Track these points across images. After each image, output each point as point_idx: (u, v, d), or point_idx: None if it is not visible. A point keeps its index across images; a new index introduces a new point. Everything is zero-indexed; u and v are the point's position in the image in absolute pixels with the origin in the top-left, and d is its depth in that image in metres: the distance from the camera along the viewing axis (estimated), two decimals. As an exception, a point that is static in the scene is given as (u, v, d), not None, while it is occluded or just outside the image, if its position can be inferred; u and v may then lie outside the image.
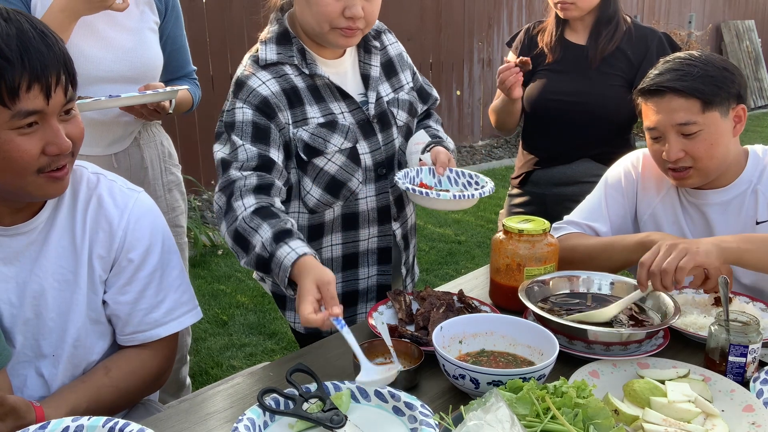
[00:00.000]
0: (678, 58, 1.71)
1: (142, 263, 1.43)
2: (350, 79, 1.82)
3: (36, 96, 1.17)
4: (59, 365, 1.38)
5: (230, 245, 1.59)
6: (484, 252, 4.80)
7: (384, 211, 1.87)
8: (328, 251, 1.85)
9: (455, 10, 7.45)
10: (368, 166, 1.79)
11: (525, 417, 1.12)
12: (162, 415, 1.36)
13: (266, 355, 3.42)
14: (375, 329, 1.54)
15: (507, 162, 7.50)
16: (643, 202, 1.88)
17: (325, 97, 1.74)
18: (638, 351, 1.46)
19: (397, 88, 1.89)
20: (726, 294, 1.47)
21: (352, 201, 1.81)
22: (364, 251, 1.89)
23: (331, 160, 1.73)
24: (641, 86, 1.73)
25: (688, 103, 1.64)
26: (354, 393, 1.31)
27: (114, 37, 2.03)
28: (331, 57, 1.78)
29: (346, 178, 1.76)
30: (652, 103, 1.70)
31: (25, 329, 1.35)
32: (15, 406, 1.18)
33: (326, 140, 1.71)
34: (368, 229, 1.87)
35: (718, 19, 10.94)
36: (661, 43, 2.46)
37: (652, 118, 1.71)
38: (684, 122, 1.65)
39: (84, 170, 1.43)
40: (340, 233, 1.84)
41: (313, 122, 1.71)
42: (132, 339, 1.45)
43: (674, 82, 1.65)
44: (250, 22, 5.75)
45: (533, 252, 1.68)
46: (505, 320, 1.50)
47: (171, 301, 1.47)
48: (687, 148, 1.67)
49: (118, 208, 1.41)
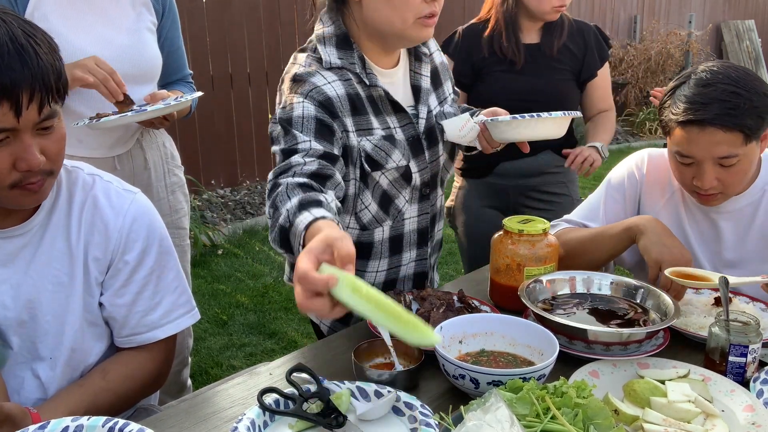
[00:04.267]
0: (719, 81, 1.56)
1: (139, 265, 1.42)
2: (401, 90, 1.74)
3: (5, 113, 1.14)
4: (56, 368, 1.38)
5: (269, 224, 1.43)
6: (484, 252, 4.79)
7: (423, 233, 1.81)
8: (371, 276, 1.77)
9: (455, 10, 7.45)
10: (416, 185, 1.73)
11: (525, 417, 1.12)
12: (162, 415, 1.35)
13: (266, 355, 3.42)
14: (375, 329, 1.54)
15: (507, 162, 7.50)
16: (646, 205, 1.87)
17: (382, 110, 1.66)
18: (638, 351, 1.46)
19: (441, 100, 1.83)
20: (726, 294, 1.47)
21: (399, 221, 1.74)
22: (403, 277, 1.82)
23: (385, 175, 1.66)
24: (680, 114, 1.59)
25: (732, 137, 1.54)
26: (354, 393, 1.31)
27: (112, 36, 2.02)
28: (387, 66, 1.70)
29: (394, 195, 1.70)
30: (688, 131, 1.58)
31: (21, 331, 1.34)
32: (10, 413, 1.17)
33: (388, 154, 1.64)
34: (409, 253, 1.80)
35: (718, 19, 10.93)
36: (596, 36, 2.58)
37: (688, 147, 1.60)
38: (725, 155, 1.56)
39: (80, 171, 1.42)
40: (387, 258, 1.77)
41: (377, 133, 1.63)
42: (129, 341, 1.44)
43: (722, 119, 1.53)
44: (250, 22, 5.76)
45: (533, 252, 1.68)
46: (505, 320, 1.50)
47: (168, 303, 1.46)
48: (721, 176, 1.60)
49: (114, 210, 1.40)
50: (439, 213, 1.89)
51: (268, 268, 4.49)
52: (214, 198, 5.60)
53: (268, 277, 4.32)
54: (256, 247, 4.84)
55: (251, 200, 5.73)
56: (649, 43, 9.28)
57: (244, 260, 4.62)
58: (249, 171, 5.99)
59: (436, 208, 1.84)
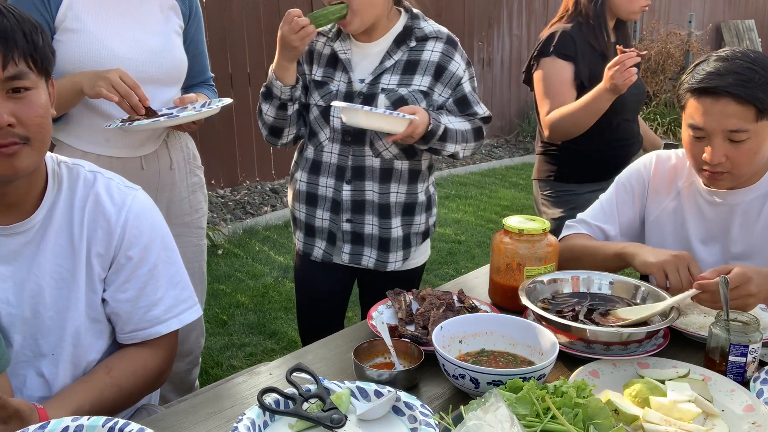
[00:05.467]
0: (737, 58, 1.60)
1: (141, 260, 1.43)
2: (368, 61, 2.05)
3: None
4: (59, 364, 1.38)
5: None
6: (484, 252, 4.80)
7: (342, 169, 2.06)
8: (323, 190, 2.10)
9: (455, 10, 7.45)
10: (336, 128, 2.03)
11: (525, 417, 1.12)
12: (162, 415, 1.36)
13: (266, 355, 3.42)
14: (375, 329, 1.54)
15: (507, 162, 7.50)
16: (651, 205, 1.88)
17: (335, 66, 2.08)
18: (638, 351, 1.46)
19: (403, 84, 2.00)
20: (726, 294, 1.47)
21: (319, 151, 2.09)
22: (323, 196, 2.11)
23: (312, 109, 2.10)
24: (695, 84, 1.62)
25: (744, 110, 1.56)
26: (354, 393, 1.31)
27: (142, 39, 2.04)
28: (363, 41, 2.07)
29: (317, 130, 2.09)
30: (702, 102, 1.61)
31: (24, 328, 1.35)
32: (18, 408, 1.17)
33: (317, 92, 2.09)
34: (326, 179, 2.09)
35: (718, 19, 10.94)
36: None
37: (700, 118, 1.62)
38: (735, 129, 1.58)
39: (81, 168, 1.43)
40: (311, 175, 2.12)
41: (319, 74, 2.10)
42: (133, 337, 1.45)
43: (735, 88, 1.55)
44: (250, 22, 5.75)
45: (533, 252, 1.68)
46: (505, 320, 1.50)
47: (171, 298, 1.47)
48: (730, 153, 1.61)
49: (116, 206, 1.41)
50: (389, 176, 2.06)
51: (268, 268, 4.49)
52: (214, 198, 5.60)
53: (268, 277, 4.32)
54: (256, 247, 4.84)
55: (251, 200, 5.73)
56: (649, 43, 9.27)
57: (244, 260, 4.62)
58: (249, 171, 5.99)
59: (375, 167, 2.04)
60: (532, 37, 8.43)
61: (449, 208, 5.79)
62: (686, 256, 1.60)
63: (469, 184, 6.57)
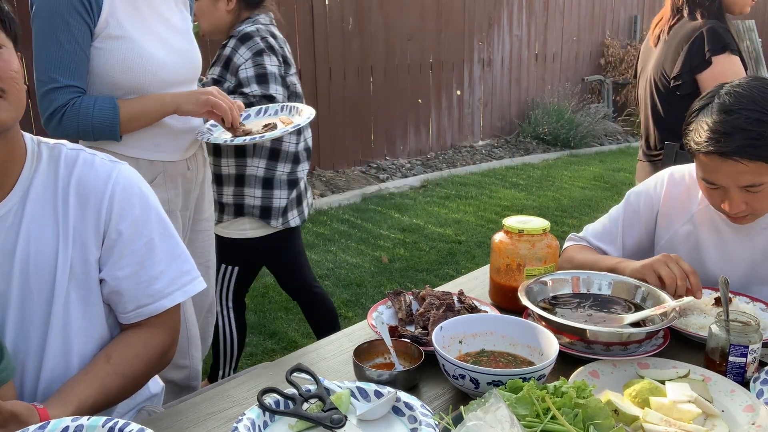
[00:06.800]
0: (745, 109, 1.50)
1: (135, 234, 1.39)
2: None
3: None
4: (49, 351, 1.34)
5: None
6: (484, 252, 4.80)
7: None
8: None
9: (455, 10, 7.45)
10: None
11: (525, 417, 1.12)
12: (162, 415, 1.35)
13: (266, 355, 3.42)
14: (375, 329, 1.54)
15: (507, 162, 7.50)
16: (662, 230, 1.84)
17: None
18: (638, 351, 1.46)
19: (217, 79, 2.55)
20: (726, 294, 1.47)
21: None
22: None
23: None
24: (701, 144, 1.54)
25: (756, 166, 1.50)
26: (354, 393, 1.31)
27: (170, 39, 2.04)
28: None
29: None
30: (712, 160, 1.54)
31: (14, 314, 1.31)
32: (15, 411, 1.14)
33: None
34: None
35: (718, 19, 10.92)
36: None
37: (712, 175, 1.57)
38: (750, 184, 1.53)
39: (62, 147, 1.39)
40: None
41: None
42: (138, 314, 1.40)
43: (745, 150, 1.48)
44: (250, 22, 5.74)
45: (533, 252, 1.68)
46: (505, 320, 1.50)
47: (173, 270, 1.43)
48: (749, 200, 1.57)
49: (101, 180, 1.37)
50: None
51: (268, 268, 4.49)
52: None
53: (268, 277, 4.31)
54: (256, 247, 4.84)
55: (251, 200, 5.73)
56: (649, 42, 9.27)
57: (244, 260, 4.61)
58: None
59: None
60: (532, 37, 8.43)
61: (449, 208, 5.79)
62: (674, 256, 1.61)
63: (469, 184, 6.57)
